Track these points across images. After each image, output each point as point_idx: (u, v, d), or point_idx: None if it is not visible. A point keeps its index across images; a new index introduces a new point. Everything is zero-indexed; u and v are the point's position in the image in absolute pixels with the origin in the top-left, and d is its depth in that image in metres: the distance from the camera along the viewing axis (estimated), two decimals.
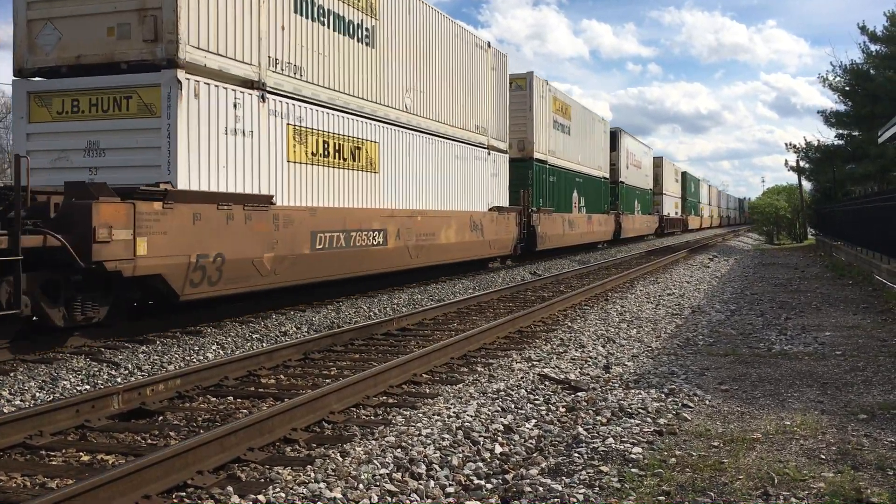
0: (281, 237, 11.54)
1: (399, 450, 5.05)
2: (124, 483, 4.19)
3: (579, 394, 6.62)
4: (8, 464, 5.07)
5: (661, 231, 51.77)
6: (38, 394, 7.11)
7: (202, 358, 8.76)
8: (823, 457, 4.87)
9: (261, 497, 4.30)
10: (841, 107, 37.50)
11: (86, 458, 5.24)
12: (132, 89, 10.01)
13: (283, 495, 4.31)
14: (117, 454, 5.27)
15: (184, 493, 4.45)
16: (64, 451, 5.37)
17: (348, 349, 9.28)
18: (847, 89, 35.93)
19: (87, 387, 7.40)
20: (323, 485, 4.44)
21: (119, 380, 7.70)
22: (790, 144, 45.52)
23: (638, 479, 4.47)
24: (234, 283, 10.64)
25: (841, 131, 38.29)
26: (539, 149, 25.24)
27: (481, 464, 4.84)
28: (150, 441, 5.61)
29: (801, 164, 44.12)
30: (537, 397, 6.51)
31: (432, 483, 4.52)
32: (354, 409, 6.40)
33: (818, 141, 40.66)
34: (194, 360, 8.68)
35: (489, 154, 20.54)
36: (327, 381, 7.46)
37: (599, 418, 5.80)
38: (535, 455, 5.04)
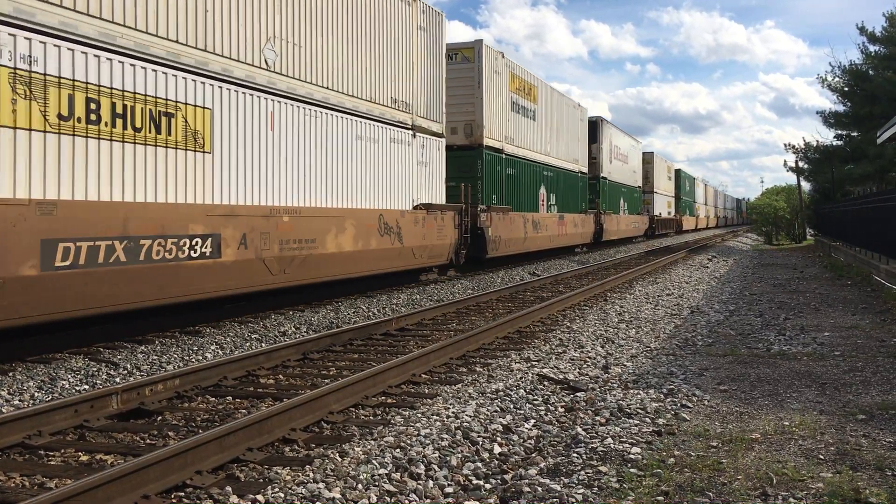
0: None
1: (398, 450, 5.05)
2: (123, 483, 4.19)
3: (578, 394, 6.62)
4: (7, 463, 5.07)
5: (652, 233, 47.81)
6: (36, 393, 7.11)
7: (201, 358, 8.76)
8: (822, 457, 4.88)
9: (260, 497, 4.30)
10: (840, 107, 37.66)
11: (84, 457, 5.24)
12: None
13: (282, 495, 4.31)
14: (116, 454, 5.27)
15: (182, 493, 4.46)
16: (63, 450, 5.37)
17: (347, 349, 9.28)
18: (846, 90, 35.99)
19: (86, 387, 7.40)
20: (322, 485, 4.44)
21: (118, 380, 7.70)
22: (789, 145, 45.80)
23: (636, 480, 4.47)
24: None
25: (840, 132, 38.41)
26: (491, 134, 20.76)
27: (480, 464, 4.84)
28: (148, 441, 5.62)
29: (800, 164, 44.27)
30: (536, 397, 6.51)
31: (431, 483, 4.52)
32: (353, 410, 6.40)
33: (817, 141, 40.87)
34: (193, 359, 8.69)
35: (414, 137, 16.11)
36: (326, 381, 7.47)
37: (598, 418, 5.80)
38: (533, 455, 5.04)
